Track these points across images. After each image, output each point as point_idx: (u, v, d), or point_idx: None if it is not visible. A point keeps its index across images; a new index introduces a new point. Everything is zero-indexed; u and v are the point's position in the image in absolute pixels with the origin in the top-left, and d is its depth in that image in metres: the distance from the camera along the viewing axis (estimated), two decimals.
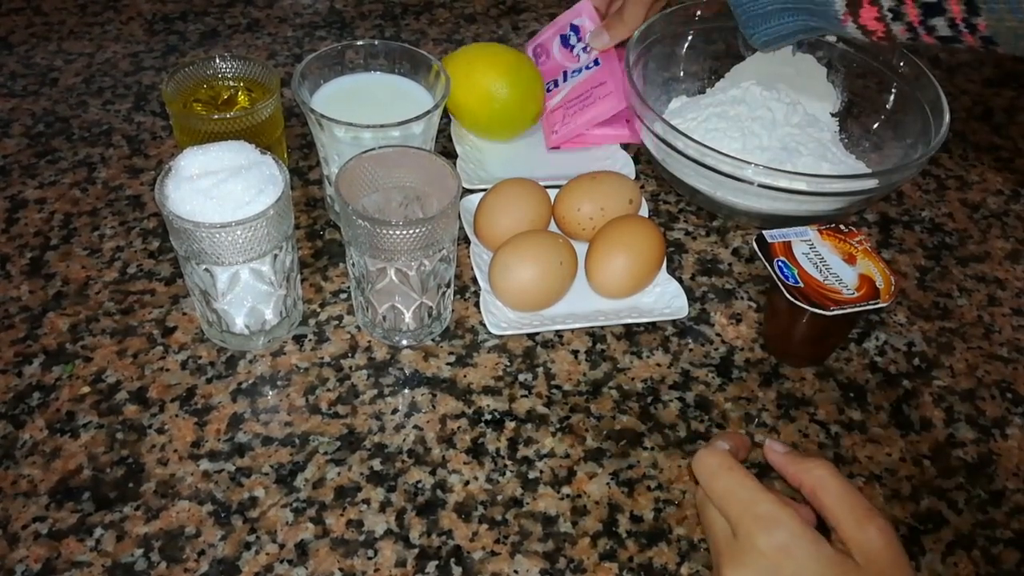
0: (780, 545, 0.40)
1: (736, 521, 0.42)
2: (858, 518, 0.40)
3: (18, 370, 0.57)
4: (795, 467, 0.44)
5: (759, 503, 0.41)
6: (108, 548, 0.48)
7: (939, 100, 0.69)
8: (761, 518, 0.41)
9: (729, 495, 0.43)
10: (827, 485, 0.42)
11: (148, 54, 0.85)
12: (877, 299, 0.56)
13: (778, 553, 0.40)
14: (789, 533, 0.40)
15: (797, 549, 0.40)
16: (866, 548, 0.40)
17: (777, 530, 0.40)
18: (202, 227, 0.50)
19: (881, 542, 0.40)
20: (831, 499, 0.42)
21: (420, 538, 0.50)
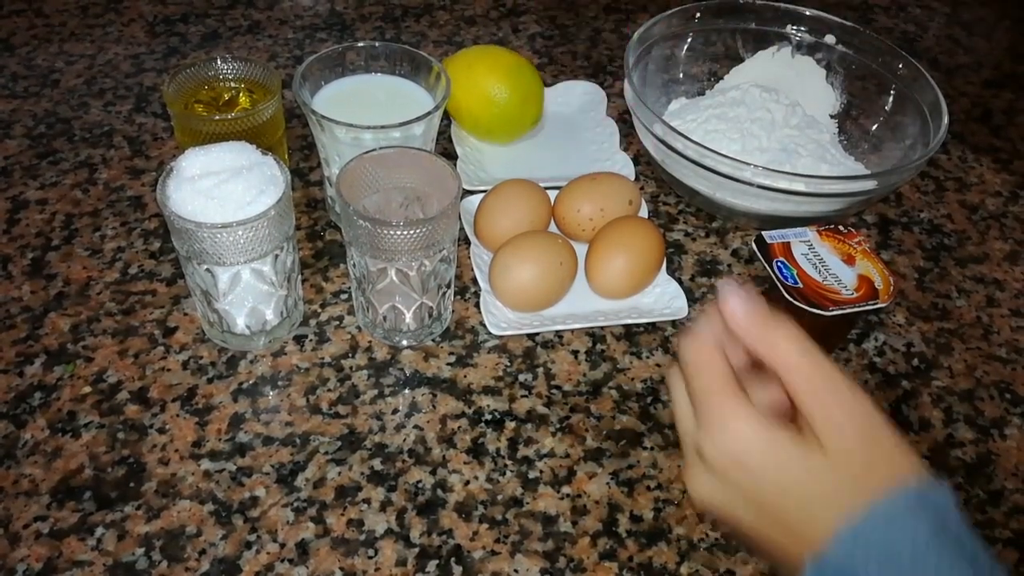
0: (729, 454, 0.37)
1: (699, 423, 0.38)
2: (819, 395, 0.36)
3: (19, 370, 0.57)
4: (751, 338, 0.38)
5: (711, 403, 0.37)
6: (109, 547, 0.48)
7: (938, 102, 0.69)
8: (711, 423, 0.37)
9: (696, 393, 0.38)
10: (790, 365, 0.37)
11: (149, 56, 0.85)
12: (876, 300, 0.56)
13: (729, 463, 0.37)
14: (738, 441, 0.36)
15: (748, 458, 0.36)
16: (832, 431, 0.35)
17: (725, 437, 0.37)
18: (203, 227, 0.50)
19: (851, 426, 0.35)
20: (796, 381, 0.37)
21: (420, 537, 0.50)
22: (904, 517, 0.33)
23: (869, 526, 0.33)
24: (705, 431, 0.37)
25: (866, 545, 0.33)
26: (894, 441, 0.35)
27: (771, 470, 0.36)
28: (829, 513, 0.35)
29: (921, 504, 0.33)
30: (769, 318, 0.39)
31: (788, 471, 0.36)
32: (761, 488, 0.36)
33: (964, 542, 0.33)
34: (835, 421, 0.35)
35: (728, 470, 0.37)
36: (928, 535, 0.33)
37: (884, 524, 0.33)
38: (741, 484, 0.37)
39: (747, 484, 0.37)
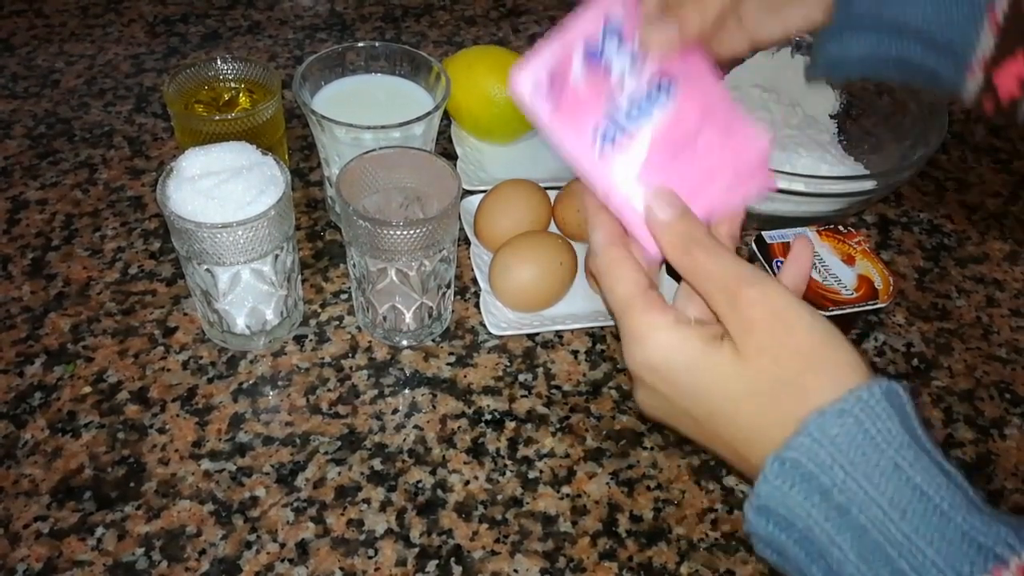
0: (645, 365, 0.36)
1: (621, 336, 0.38)
2: (731, 295, 0.34)
3: (20, 370, 0.57)
4: (671, 250, 0.37)
5: (623, 316, 0.37)
6: (109, 547, 0.48)
7: (938, 102, 0.69)
8: (625, 336, 0.37)
9: (609, 305, 0.38)
10: (699, 268, 0.36)
11: (149, 56, 0.85)
12: (876, 300, 0.56)
13: (648, 373, 0.36)
14: (649, 350, 0.35)
15: (663, 365, 0.35)
16: (741, 326, 0.34)
17: (638, 349, 0.36)
18: (203, 227, 0.50)
19: (757, 313, 0.34)
20: (705, 284, 0.36)
21: (420, 537, 0.50)
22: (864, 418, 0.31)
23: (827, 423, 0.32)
24: (625, 345, 0.37)
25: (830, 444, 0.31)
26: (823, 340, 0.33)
27: (686, 373, 0.35)
28: (762, 429, 0.33)
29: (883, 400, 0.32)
30: (691, 227, 0.37)
31: (701, 371, 0.35)
32: (689, 400, 0.36)
33: (929, 447, 0.32)
34: (744, 316, 0.34)
35: (654, 384, 0.36)
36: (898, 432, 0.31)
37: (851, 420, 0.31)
38: (669, 396, 0.36)
39: (674, 396, 0.36)
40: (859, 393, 0.32)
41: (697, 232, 0.37)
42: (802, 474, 0.32)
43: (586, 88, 0.40)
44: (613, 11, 0.41)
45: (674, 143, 0.39)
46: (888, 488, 0.31)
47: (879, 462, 0.31)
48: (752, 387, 0.34)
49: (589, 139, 0.39)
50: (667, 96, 0.40)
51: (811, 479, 0.32)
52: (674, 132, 0.39)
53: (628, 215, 0.39)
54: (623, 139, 0.39)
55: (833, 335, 0.34)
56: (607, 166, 0.39)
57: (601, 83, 0.40)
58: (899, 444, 0.31)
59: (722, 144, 0.40)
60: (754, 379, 0.34)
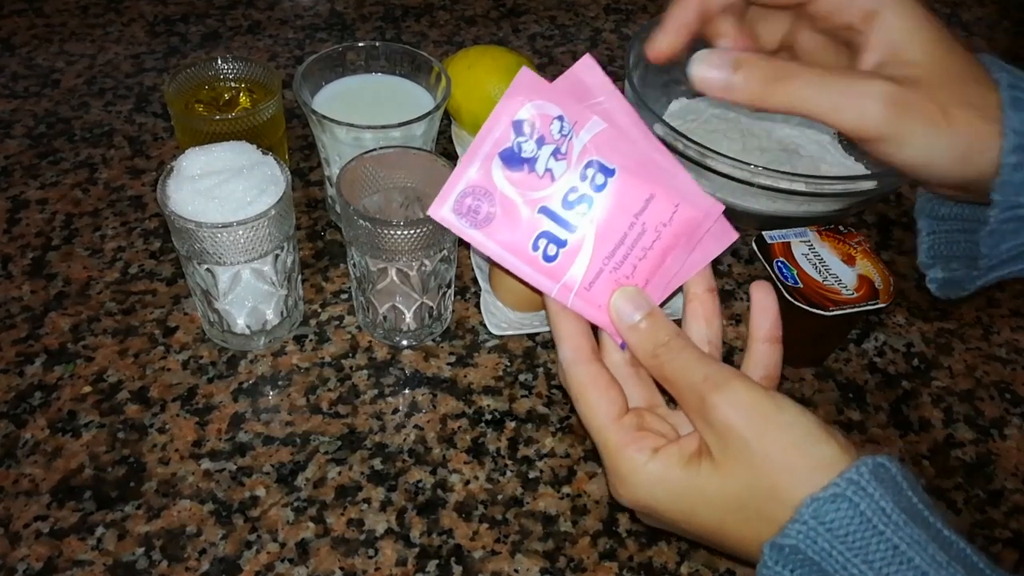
0: (633, 503, 0.37)
1: (603, 465, 0.38)
2: (702, 402, 0.34)
3: (20, 370, 0.57)
4: (641, 355, 0.37)
5: (602, 450, 0.37)
6: (109, 547, 0.48)
7: None
8: (608, 471, 0.37)
9: (593, 434, 0.38)
10: (668, 375, 0.36)
11: (150, 55, 0.85)
12: (876, 300, 0.56)
13: (637, 507, 0.37)
14: (635, 488, 0.36)
15: (650, 500, 0.36)
16: (717, 440, 0.34)
17: (623, 488, 0.37)
18: (204, 227, 0.50)
19: (728, 421, 0.33)
20: (677, 391, 0.36)
21: (421, 537, 0.50)
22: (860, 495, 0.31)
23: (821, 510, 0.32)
24: (608, 480, 0.37)
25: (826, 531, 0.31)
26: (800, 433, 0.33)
27: (674, 504, 0.35)
28: (752, 537, 0.33)
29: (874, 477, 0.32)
30: (659, 329, 0.37)
31: (687, 498, 0.35)
32: (680, 523, 0.36)
33: (928, 519, 0.32)
34: (719, 424, 0.34)
35: (646, 513, 0.37)
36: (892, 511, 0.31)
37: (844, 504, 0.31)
38: (662, 520, 0.37)
39: (665, 520, 0.37)
40: (850, 475, 0.32)
41: (663, 334, 0.37)
42: (800, 560, 0.32)
43: (516, 194, 0.38)
44: (518, 111, 0.39)
45: (620, 229, 0.38)
46: (888, 571, 0.31)
47: (877, 545, 0.31)
48: (735, 502, 0.34)
49: (530, 248, 0.38)
50: (604, 177, 0.38)
51: (810, 565, 0.32)
52: (618, 217, 0.38)
53: (591, 314, 0.39)
54: (569, 236, 0.38)
55: (809, 429, 0.33)
56: (559, 269, 0.38)
57: (531, 182, 0.38)
58: (895, 524, 0.31)
59: (670, 216, 0.38)
60: (736, 494, 0.34)
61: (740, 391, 0.34)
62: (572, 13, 0.96)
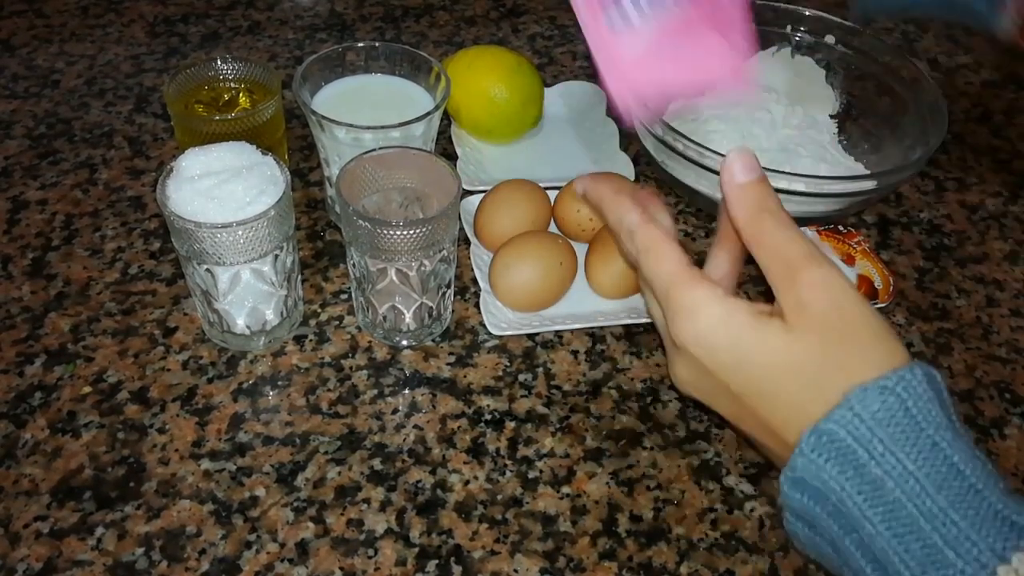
0: (694, 338, 0.36)
1: (667, 312, 0.38)
2: (789, 272, 0.35)
3: (20, 370, 0.57)
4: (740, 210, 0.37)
5: (670, 291, 0.37)
6: (109, 547, 0.48)
7: (938, 102, 0.69)
8: (673, 310, 0.37)
9: (651, 282, 0.38)
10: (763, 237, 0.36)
11: (149, 56, 0.85)
12: (876, 300, 0.56)
13: (695, 346, 0.36)
14: (700, 322, 0.36)
15: (712, 337, 0.36)
16: (796, 305, 0.34)
17: (687, 322, 0.36)
18: (203, 227, 0.50)
19: (815, 295, 0.34)
20: (765, 254, 0.36)
21: (420, 537, 0.50)
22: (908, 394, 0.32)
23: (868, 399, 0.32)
24: (672, 320, 0.37)
25: (870, 418, 0.32)
26: (868, 321, 0.34)
27: (733, 346, 0.35)
28: (801, 405, 0.34)
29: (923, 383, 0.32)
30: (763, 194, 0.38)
31: (748, 345, 0.35)
32: (730, 373, 0.36)
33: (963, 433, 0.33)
34: (800, 296, 0.34)
35: (697, 353, 0.36)
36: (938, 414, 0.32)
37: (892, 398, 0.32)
38: (712, 369, 0.36)
39: (717, 369, 0.36)
40: (902, 373, 0.32)
41: (770, 202, 0.37)
42: (838, 448, 0.32)
43: None
44: None
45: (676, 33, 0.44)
46: (925, 463, 0.31)
47: (917, 439, 0.31)
48: (797, 364, 0.34)
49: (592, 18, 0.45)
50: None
51: (847, 453, 0.32)
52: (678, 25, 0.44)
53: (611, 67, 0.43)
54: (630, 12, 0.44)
55: (885, 328, 0.34)
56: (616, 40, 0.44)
57: None
58: (937, 424, 0.32)
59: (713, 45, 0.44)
60: (800, 356, 0.34)
61: (834, 275, 0.34)
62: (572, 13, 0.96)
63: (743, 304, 0.36)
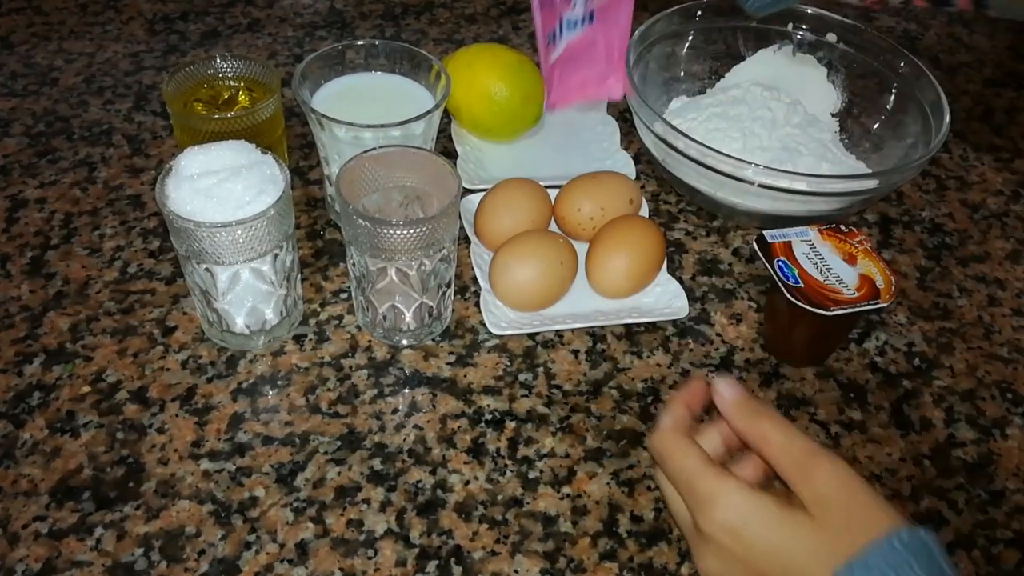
0: (723, 526, 0.39)
1: (688, 505, 0.41)
2: (803, 469, 0.38)
3: (18, 369, 0.57)
4: (738, 422, 0.42)
5: (697, 484, 0.40)
6: (108, 548, 0.48)
7: (939, 100, 0.69)
8: (701, 501, 0.39)
9: (677, 478, 0.41)
10: (769, 438, 0.40)
11: (149, 54, 0.85)
12: (877, 299, 0.56)
13: (724, 534, 0.39)
14: (729, 510, 0.38)
15: (741, 525, 0.38)
16: (816, 497, 0.38)
17: (716, 512, 0.39)
18: (202, 227, 0.50)
19: (831, 486, 0.38)
20: (774, 453, 0.40)
21: (420, 538, 0.50)
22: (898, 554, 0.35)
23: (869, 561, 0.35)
24: (698, 509, 0.40)
25: None
26: (873, 499, 0.38)
27: (764, 535, 0.38)
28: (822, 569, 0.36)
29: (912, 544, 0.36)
30: (754, 402, 0.42)
31: (780, 534, 0.38)
32: (758, 555, 0.38)
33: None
34: (818, 491, 0.38)
35: (726, 542, 0.39)
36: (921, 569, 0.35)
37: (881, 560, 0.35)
38: (740, 555, 0.39)
39: (744, 553, 0.38)
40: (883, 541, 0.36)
41: (762, 408, 0.42)
42: None
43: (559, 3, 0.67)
44: None
45: (577, 52, 0.69)
46: None
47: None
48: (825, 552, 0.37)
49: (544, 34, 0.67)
50: (589, 22, 0.69)
51: None
52: (579, 46, 0.69)
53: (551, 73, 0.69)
54: (557, 38, 0.68)
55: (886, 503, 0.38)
56: (549, 52, 0.68)
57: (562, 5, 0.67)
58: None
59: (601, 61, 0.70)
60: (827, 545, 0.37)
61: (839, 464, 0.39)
62: None
63: (770, 497, 0.39)
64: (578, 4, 0.69)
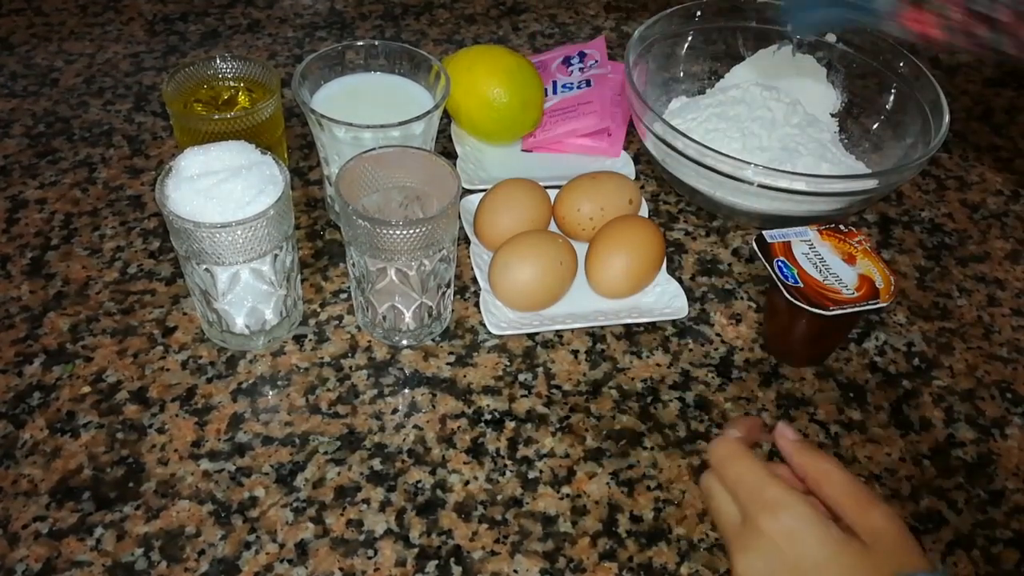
0: (785, 529, 0.40)
1: (744, 506, 0.42)
2: (861, 504, 0.41)
3: (19, 370, 0.57)
4: (801, 457, 0.44)
5: (767, 488, 0.42)
6: (108, 548, 0.48)
7: (939, 100, 0.69)
8: (768, 503, 0.41)
9: (739, 481, 0.43)
10: (831, 477, 0.42)
11: (149, 54, 0.85)
12: (877, 299, 0.56)
13: (784, 537, 0.40)
14: (795, 517, 0.40)
15: (803, 532, 0.40)
16: (871, 529, 0.40)
17: (783, 514, 0.40)
18: (202, 227, 0.50)
19: (885, 523, 0.40)
20: (835, 489, 0.42)
21: (420, 538, 0.50)
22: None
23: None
24: (763, 510, 0.41)
25: None
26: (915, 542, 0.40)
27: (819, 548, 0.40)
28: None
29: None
30: (812, 444, 0.46)
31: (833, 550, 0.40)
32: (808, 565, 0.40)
33: None
34: (874, 525, 0.40)
35: (783, 545, 0.40)
36: None
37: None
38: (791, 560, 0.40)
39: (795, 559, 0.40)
40: None
41: (823, 453, 0.44)
42: None
43: (559, 66, 0.80)
44: (587, 49, 0.82)
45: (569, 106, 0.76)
46: None
47: None
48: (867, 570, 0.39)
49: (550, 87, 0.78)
50: (585, 86, 0.77)
51: None
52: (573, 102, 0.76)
53: None
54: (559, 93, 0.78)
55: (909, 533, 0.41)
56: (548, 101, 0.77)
57: (564, 68, 0.80)
58: None
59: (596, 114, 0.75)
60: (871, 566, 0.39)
61: (893, 512, 0.41)
62: (572, 11, 0.96)
63: (831, 519, 0.41)
64: (575, 74, 0.78)
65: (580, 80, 0.78)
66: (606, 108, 0.75)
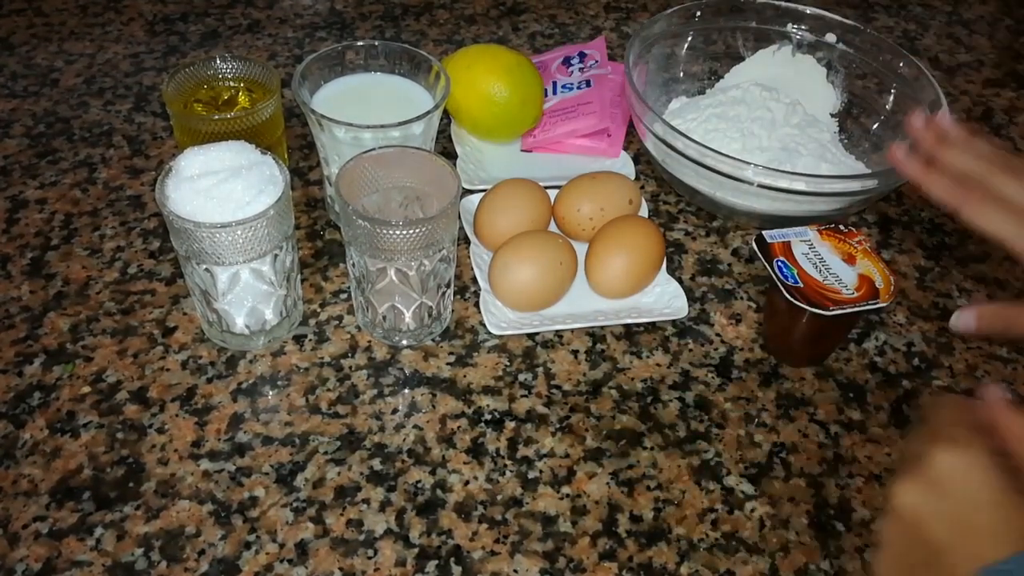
0: (957, 467, 0.39)
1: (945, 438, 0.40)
2: None
3: (19, 370, 0.57)
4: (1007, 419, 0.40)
5: (975, 436, 0.40)
6: (108, 547, 0.48)
7: (939, 101, 0.69)
8: (952, 439, 0.39)
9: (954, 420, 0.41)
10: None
11: (149, 55, 0.85)
12: (877, 299, 0.56)
13: (952, 472, 0.39)
14: (972, 460, 0.39)
15: (973, 474, 0.38)
16: None
17: (963, 453, 0.39)
18: (202, 227, 0.50)
19: None
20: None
21: (420, 538, 0.50)
22: None
23: None
24: (949, 443, 0.39)
25: None
26: None
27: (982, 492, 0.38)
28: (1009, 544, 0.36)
29: None
30: None
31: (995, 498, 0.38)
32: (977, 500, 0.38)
33: None
34: None
35: (953, 481, 0.39)
36: None
37: None
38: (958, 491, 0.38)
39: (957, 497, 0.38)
40: None
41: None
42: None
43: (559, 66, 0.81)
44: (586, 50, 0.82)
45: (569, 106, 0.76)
46: None
47: None
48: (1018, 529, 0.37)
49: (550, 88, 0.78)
50: (585, 87, 0.77)
51: None
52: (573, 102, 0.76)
53: None
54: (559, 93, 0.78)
55: None
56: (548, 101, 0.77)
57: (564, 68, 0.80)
58: None
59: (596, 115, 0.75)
60: None
61: None
62: (572, 11, 0.96)
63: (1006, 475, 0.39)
64: (575, 74, 0.79)
65: (580, 80, 0.78)
66: (606, 108, 0.75)
